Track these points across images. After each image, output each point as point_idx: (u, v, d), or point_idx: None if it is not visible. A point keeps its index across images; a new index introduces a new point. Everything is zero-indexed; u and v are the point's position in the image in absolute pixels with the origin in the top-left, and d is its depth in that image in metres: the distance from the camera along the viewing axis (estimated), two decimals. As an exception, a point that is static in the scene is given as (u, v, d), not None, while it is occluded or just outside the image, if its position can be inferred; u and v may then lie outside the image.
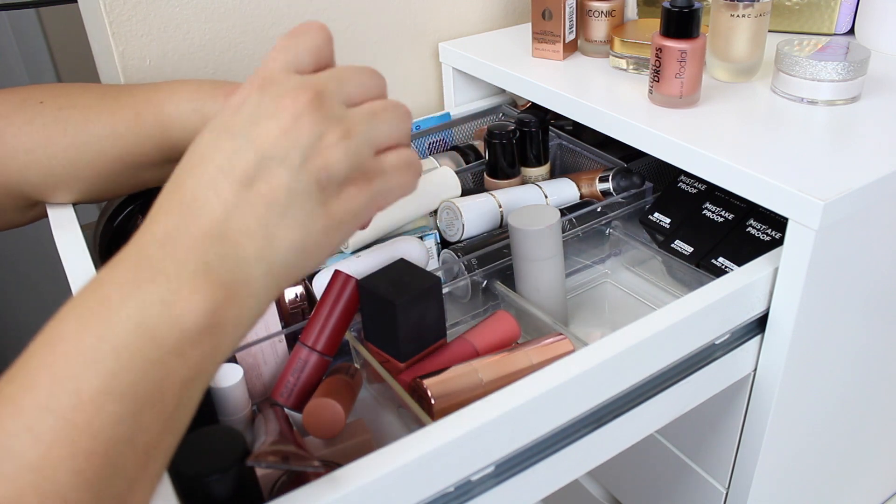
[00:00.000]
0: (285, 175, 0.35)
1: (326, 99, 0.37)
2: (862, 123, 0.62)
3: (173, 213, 0.35)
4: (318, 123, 0.36)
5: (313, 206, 0.36)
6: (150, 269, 0.34)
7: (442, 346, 0.58)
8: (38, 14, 1.41)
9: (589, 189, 0.78)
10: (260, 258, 0.35)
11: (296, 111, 0.36)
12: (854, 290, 0.60)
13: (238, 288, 0.35)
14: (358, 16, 0.84)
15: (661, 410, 0.55)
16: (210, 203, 0.35)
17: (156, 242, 0.35)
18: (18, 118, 0.56)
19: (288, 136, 0.35)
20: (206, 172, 0.36)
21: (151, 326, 0.33)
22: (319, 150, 0.36)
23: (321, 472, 0.41)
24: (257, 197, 0.35)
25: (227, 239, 0.35)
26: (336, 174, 0.37)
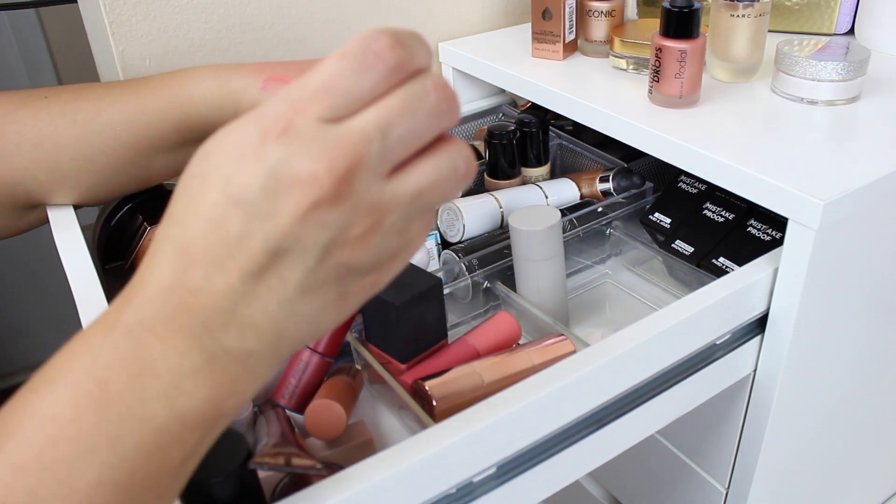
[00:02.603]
0: (298, 272, 0.31)
1: (359, 176, 0.29)
2: (862, 123, 0.62)
3: (177, 282, 0.31)
4: (344, 213, 0.29)
5: (328, 300, 0.32)
6: (152, 355, 0.31)
7: (443, 347, 0.58)
8: (38, 14, 1.41)
9: (589, 189, 0.78)
10: (265, 351, 0.33)
11: (318, 195, 0.29)
12: (854, 290, 0.60)
13: (242, 379, 0.33)
14: (358, 16, 0.84)
15: (661, 411, 0.55)
16: (216, 285, 0.31)
17: (157, 316, 0.31)
18: (22, 113, 0.55)
19: (304, 226, 0.29)
20: (213, 245, 0.30)
21: (153, 419, 0.31)
22: (341, 244, 0.30)
23: (323, 473, 0.41)
24: (266, 291, 0.31)
25: (231, 328, 0.31)
26: (358, 271, 0.32)
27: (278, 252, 0.30)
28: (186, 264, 0.31)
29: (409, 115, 0.30)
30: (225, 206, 0.30)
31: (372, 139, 0.29)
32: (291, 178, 0.29)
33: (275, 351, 0.33)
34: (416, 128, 0.30)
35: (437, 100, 0.31)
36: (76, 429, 0.30)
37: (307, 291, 0.31)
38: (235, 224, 0.30)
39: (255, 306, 0.31)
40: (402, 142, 0.30)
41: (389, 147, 0.30)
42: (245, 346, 0.32)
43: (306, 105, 0.30)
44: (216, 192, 0.30)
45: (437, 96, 0.31)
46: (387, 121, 0.30)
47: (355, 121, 0.30)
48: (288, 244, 0.30)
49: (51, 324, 1.70)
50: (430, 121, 0.31)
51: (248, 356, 0.32)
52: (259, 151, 0.29)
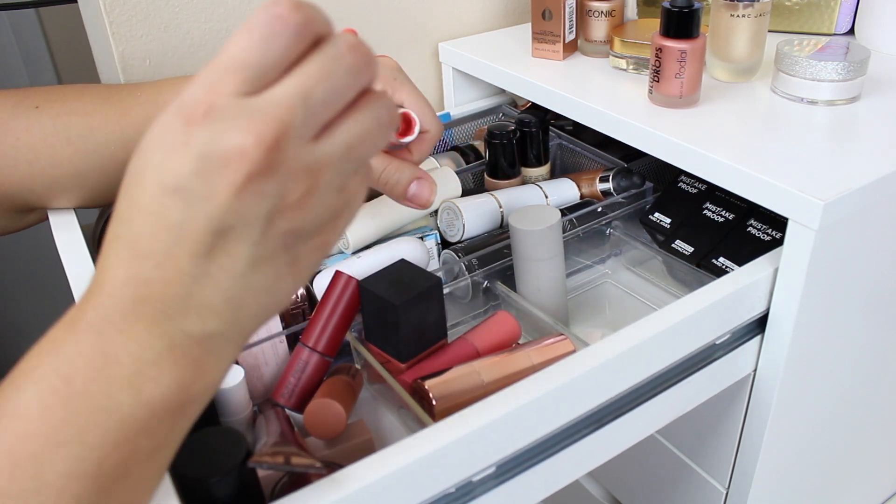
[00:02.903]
0: (246, 246, 0.31)
1: (287, 144, 0.30)
2: (862, 123, 0.62)
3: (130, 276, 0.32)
4: (279, 181, 0.30)
5: (280, 268, 0.33)
6: (114, 346, 0.31)
7: (443, 346, 0.58)
8: (38, 14, 1.41)
9: (589, 189, 0.78)
10: (226, 331, 0.33)
11: (250, 167, 0.29)
12: (854, 290, 0.60)
13: (206, 362, 0.33)
14: (358, 16, 0.84)
15: (661, 411, 0.55)
16: (168, 272, 0.31)
17: (116, 310, 0.32)
18: (15, 126, 0.55)
19: (243, 200, 0.30)
20: (159, 235, 0.31)
21: (119, 409, 0.31)
22: (282, 211, 0.31)
23: (322, 473, 0.41)
24: (217, 270, 0.31)
25: (190, 312, 0.32)
26: (303, 234, 0.33)
27: (222, 230, 0.30)
28: (137, 258, 0.31)
29: (328, 77, 0.31)
30: (162, 196, 0.30)
31: (294, 105, 0.30)
32: (221, 156, 0.29)
33: (237, 329, 0.33)
34: (336, 88, 0.31)
35: (353, 59, 0.32)
36: (44, 424, 0.30)
37: (258, 263, 0.32)
38: (175, 211, 0.30)
39: (209, 287, 0.32)
40: (324, 104, 0.31)
41: (312, 111, 0.30)
42: (206, 328, 0.32)
43: (223, 82, 0.30)
44: (152, 185, 0.31)
45: (352, 56, 0.32)
46: (306, 85, 0.30)
47: (275, 90, 0.30)
48: (230, 220, 0.30)
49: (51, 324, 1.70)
50: (348, 80, 0.32)
51: (210, 338, 0.33)
52: (185, 137, 0.30)
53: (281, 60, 0.30)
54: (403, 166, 0.52)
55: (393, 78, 0.53)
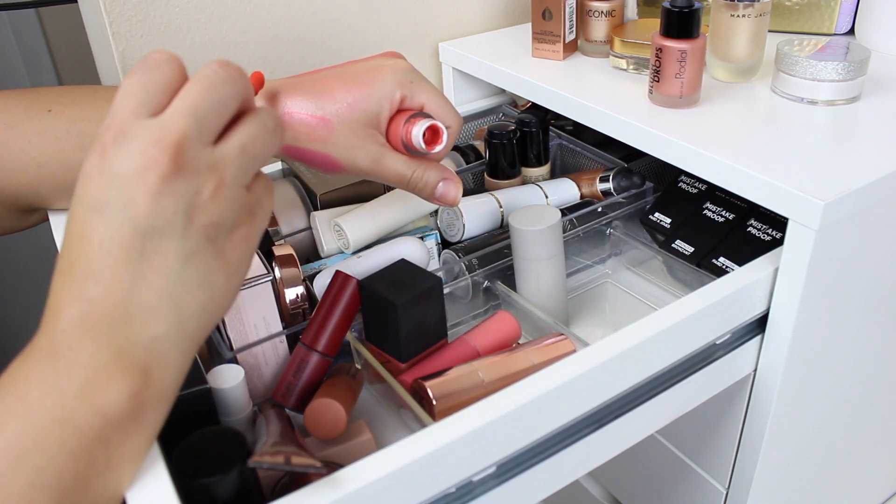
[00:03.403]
0: (172, 243, 0.34)
1: (188, 147, 0.35)
2: (862, 123, 0.62)
3: (73, 299, 0.34)
4: (189, 179, 0.34)
5: (209, 261, 0.36)
6: (64, 361, 0.33)
7: (443, 346, 0.58)
8: (38, 14, 1.41)
9: (589, 189, 0.78)
10: (170, 331, 0.35)
11: (160, 171, 0.34)
12: (854, 290, 0.60)
13: (154, 366, 0.35)
14: (358, 16, 0.84)
15: (661, 410, 0.55)
16: (106, 284, 0.34)
17: (64, 331, 0.34)
18: (27, 128, 0.55)
19: (160, 201, 0.34)
20: (92, 253, 0.34)
21: (73, 419, 0.33)
22: (199, 206, 0.35)
23: (322, 472, 0.41)
24: (151, 272, 0.34)
25: (133, 319, 0.34)
26: (223, 225, 0.36)
27: (147, 232, 0.34)
28: (78, 280, 0.34)
29: (209, 89, 0.36)
30: (86, 217, 0.35)
31: (186, 115, 0.35)
32: (133, 168, 0.34)
33: (180, 328, 0.35)
34: (218, 98, 0.36)
35: (226, 72, 0.37)
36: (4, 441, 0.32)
37: (187, 258, 0.35)
38: (101, 227, 0.34)
39: (145, 289, 0.34)
40: (211, 111, 0.36)
41: (203, 117, 0.35)
42: (148, 332, 0.34)
43: (121, 112, 0.35)
44: (78, 212, 0.35)
45: (224, 70, 0.37)
46: (193, 99, 0.36)
47: (168, 109, 0.36)
48: (153, 221, 0.34)
49: (51, 324, 1.69)
50: (227, 88, 0.37)
51: (155, 341, 0.35)
52: (101, 163, 0.34)
53: (164, 86, 0.36)
54: (430, 168, 0.54)
55: (410, 81, 0.53)
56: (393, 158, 0.53)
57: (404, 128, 0.52)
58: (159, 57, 0.37)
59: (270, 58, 0.79)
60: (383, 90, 0.52)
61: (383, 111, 0.53)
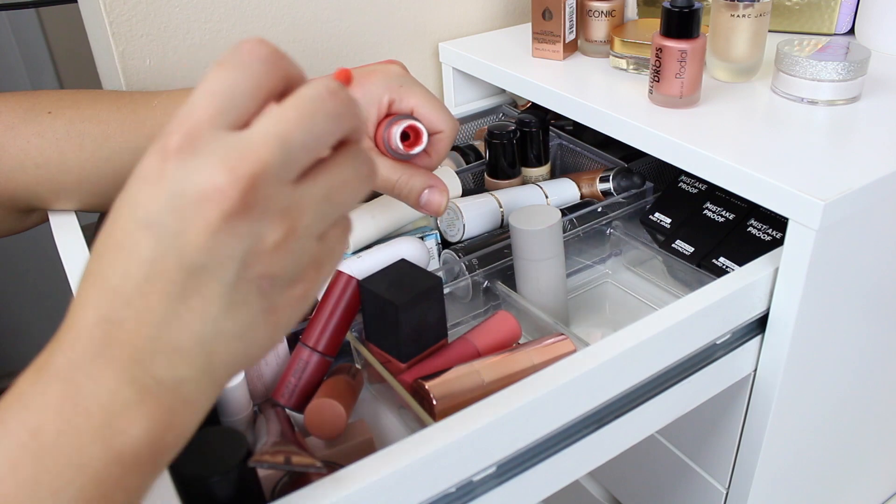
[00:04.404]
0: (219, 288, 0.30)
1: (265, 183, 0.29)
2: (862, 123, 0.62)
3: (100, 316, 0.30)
4: (255, 221, 0.29)
5: (255, 315, 0.31)
6: (83, 394, 0.30)
7: (443, 346, 0.58)
8: (38, 14, 1.41)
9: (589, 189, 0.78)
10: (198, 378, 0.31)
11: (225, 206, 0.28)
12: (854, 290, 0.60)
13: (179, 410, 0.32)
14: (357, 16, 0.84)
15: (661, 410, 0.55)
16: (138, 311, 0.30)
17: (85, 354, 0.30)
18: (26, 129, 0.55)
19: (217, 239, 0.29)
20: (130, 271, 0.30)
21: (91, 465, 0.30)
22: (259, 254, 0.30)
23: (323, 472, 0.41)
24: (188, 312, 0.30)
25: (160, 356, 0.30)
26: (281, 280, 0.31)
27: (195, 269, 0.29)
28: (108, 296, 0.30)
29: (307, 120, 0.30)
30: (135, 230, 0.30)
31: (272, 144, 0.29)
32: (195, 193, 0.28)
33: (209, 376, 0.32)
34: (315, 133, 0.30)
35: (333, 104, 0.31)
36: (14, 485, 0.29)
37: (231, 307, 0.30)
38: (147, 247, 0.29)
39: (179, 329, 0.30)
40: (303, 146, 0.30)
41: (291, 152, 0.29)
42: (176, 373, 0.31)
43: (196, 115, 0.29)
44: (126, 220, 0.30)
45: (333, 101, 0.31)
46: (285, 127, 0.29)
47: (253, 128, 0.29)
48: (203, 260, 0.29)
49: (50, 324, 1.69)
50: (328, 125, 0.31)
51: (181, 384, 0.31)
52: (160, 172, 0.29)
53: (253, 92, 0.30)
54: (416, 175, 0.53)
55: (399, 85, 0.52)
56: (379, 163, 0.52)
57: (386, 130, 0.52)
58: (257, 52, 0.30)
59: (270, 58, 0.79)
60: (371, 94, 0.52)
61: (370, 115, 0.52)
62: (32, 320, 1.74)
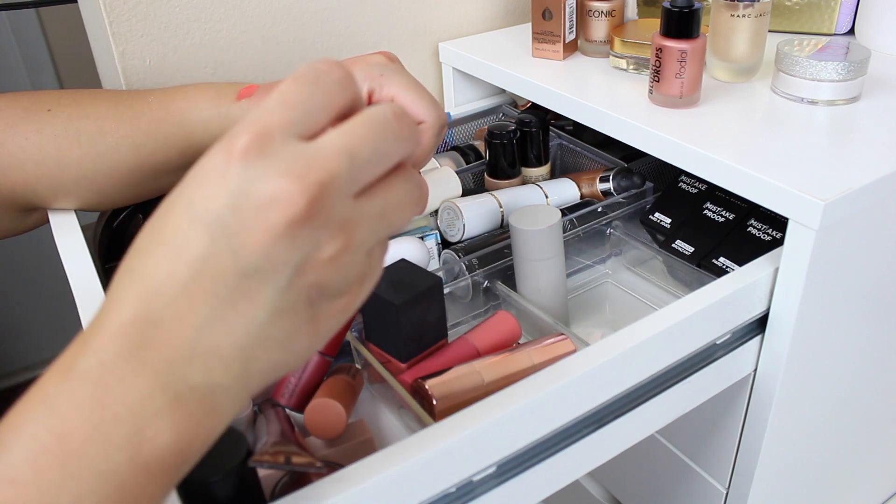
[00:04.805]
0: (270, 293, 0.30)
1: (331, 194, 0.29)
2: (862, 123, 0.62)
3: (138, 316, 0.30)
4: (316, 230, 0.29)
5: (299, 324, 0.31)
6: (111, 398, 0.29)
7: (443, 346, 0.58)
8: (38, 14, 1.41)
9: (589, 189, 0.78)
10: (233, 385, 0.31)
11: (291, 212, 0.28)
12: (854, 290, 0.60)
13: (207, 419, 0.31)
14: (357, 16, 0.84)
15: (661, 410, 0.55)
16: (179, 312, 0.29)
17: (118, 359, 0.29)
18: (25, 127, 0.55)
19: (277, 245, 0.28)
20: (176, 270, 0.29)
21: (117, 474, 0.29)
22: (314, 264, 0.30)
23: (323, 472, 0.41)
24: (234, 315, 0.30)
25: (196, 362, 0.30)
26: (329, 291, 0.31)
27: (249, 272, 0.29)
28: (148, 295, 0.30)
29: (375, 138, 0.30)
30: (189, 227, 0.29)
31: (341, 158, 0.29)
32: (262, 195, 0.28)
33: (243, 384, 0.31)
34: (381, 151, 0.31)
35: (399, 126, 0.31)
36: (36, 491, 0.28)
37: (278, 314, 0.30)
38: (200, 244, 0.29)
39: (221, 332, 0.30)
40: (369, 163, 0.30)
41: (358, 167, 0.30)
42: (211, 379, 0.30)
43: (267, 120, 0.29)
44: (180, 216, 0.29)
45: (398, 123, 0.31)
46: (354, 142, 0.30)
47: (323, 139, 0.30)
48: (259, 264, 0.29)
49: (51, 324, 1.70)
50: (393, 145, 0.31)
51: (214, 392, 0.31)
52: (223, 171, 0.29)
53: (326, 107, 0.31)
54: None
55: (379, 74, 0.49)
56: None
57: None
58: (331, 72, 0.31)
59: (270, 58, 0.79)
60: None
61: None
62: (32, 320, 1.74)
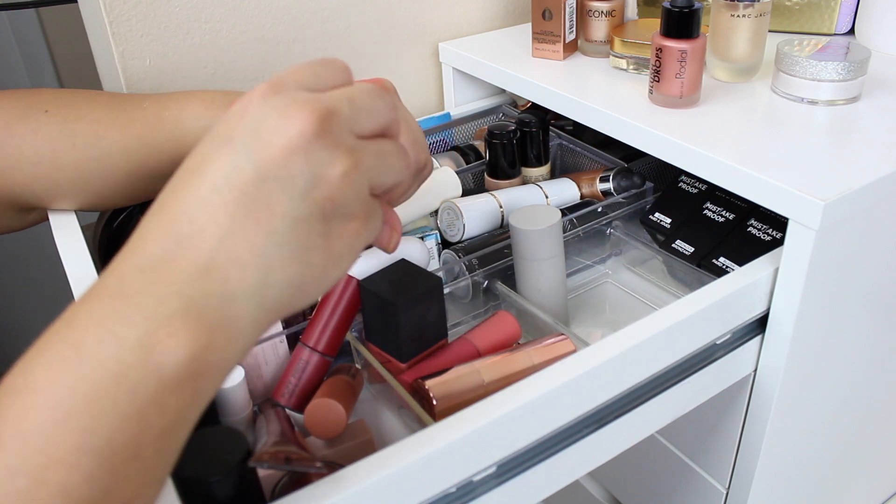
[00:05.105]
0: (288, 201, 0.32)
1: (337, 121, 0.33)
2: (862, 123, 0.62)
3: (160, 236, 0.32)
4: (328, 148, 0.33)
5: (315, 237, 0.33)
6: (127, 306, 0.31)
7: (443, 346, 0.58)
8: (38, 14, 1.41)
9: (589, 189, 0.78)
10: (251, 294, 0.32)
11: (304, 128, 0.32)
12: (854, 290, 0.60)
13: (222, 329, 0.32)
14: (358, 16, 0.84)
15: (661, 411, 0.55)
16: (201, 226, 0.32)
17: (137, 270, 0.31)
18: (22, 128, 0.55)
19: (294, 156, 0.32)
20: (200, 189, 0.32)
21: (127, 375, 0.30)
22: (327, 178, 0.33)
23: (323, 472, 0.41)
24: (254, 223, 0.32)
25: (214, 272, 0.31)
26: (342, 207, 0.34)
27: (267, 180, 0.32)
28: (170, 218, 0.32)
29: (367, 95, 0.36)
30: (207, 150, 0.33)
31: (342, 101, 0.35)
32: (278, 116, 0.32)
33: (261, 295, 0.32)
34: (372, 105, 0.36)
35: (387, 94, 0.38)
36: (52, 395, 0.29)
37: (295, 223, 0.32)
38: (220, 162, 0.32)
39: (241, 240, 0.32)
40: (365, 111, 0.36)
41: (356, 110, 0.35)
42: (227, 287, 0.32)
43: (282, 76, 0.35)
44: (205, 145, 0.34)
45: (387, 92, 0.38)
46: (352, 93, 0.36)
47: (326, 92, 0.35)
48: (277, 171, 0.32)
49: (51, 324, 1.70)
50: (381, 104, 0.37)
51: (230, 299, 0.32)
52: (244, 107, 0.33)
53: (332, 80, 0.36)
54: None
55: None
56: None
57: None
58: (337, 62, 0.37)
59: (270, 58, 0.79)
60: None
61: None
62: (32, 320, 1.74)
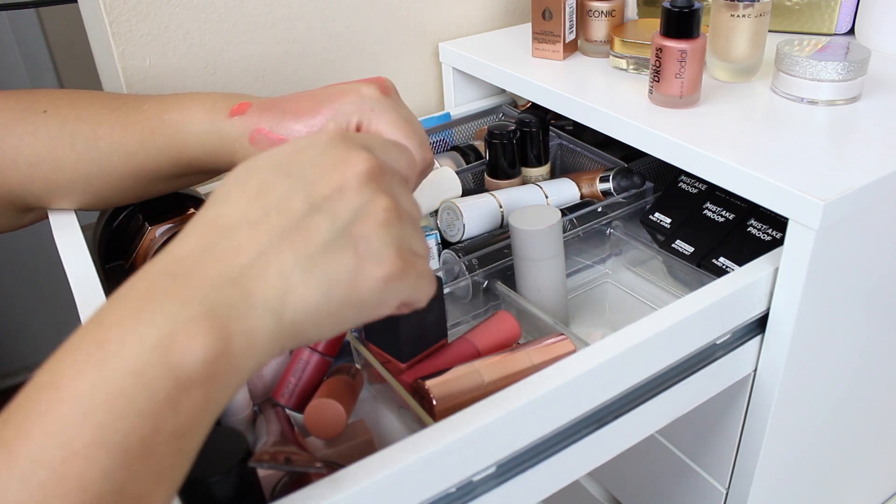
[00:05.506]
0: (327, 229, 0.34)
1: (388, 173, 0.37)
2: (862, 123, 0.63)
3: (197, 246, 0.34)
4: (376, 191, 0.36)
5: (343, 271, 0.34)
6: (152, 308, 0.32)
7: (443, 346, 0.58)
8: (38, 14, 1.41)
9: (589, 189, 0.78)
10: (269, 309, 0.33)
11: (358, 172, 0.36)
12: (854, 290, 0.60)
13: (239, 339, 0.33)
14: (358, 16, 0.84)
15: (661, 410, 0.55)
16: (239, 243, 0.34)
17: (167, 275, 0.33)
18: (20, 128, 0.55)
19: (343, 192, 0.35)
20: (251, 207, 0.34)
21: (146, 374, 0.31)
22: (369, 216, 0.35)
23: (323, 472, 0.41)
24: (289, 246, 0.34)
25: (240, 282, 0.33)
26: (377, 248, 0.35)
27: (315, 211, 0.34)
28: (214, 230, 0.34)
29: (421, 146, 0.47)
30: (273, 178, 0.35)
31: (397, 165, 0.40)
32: (341, 158, 0.36)
33: (278, 312, 0.33)
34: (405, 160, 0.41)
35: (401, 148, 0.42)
36: (74, 391, 0.30)
37: (327, 251, 0.34)
38: (279, 188, 0.35)
39: (272, 259, 0.34)
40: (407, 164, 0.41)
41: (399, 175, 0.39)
42: (248, 299, 0.33)
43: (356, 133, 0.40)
44: (265, 172, 0.36)
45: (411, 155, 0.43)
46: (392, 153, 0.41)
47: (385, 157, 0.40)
48: (325, 205, 0.35)
49: (51, 324, 1.70)
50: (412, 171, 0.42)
51: (249, 311, 0.33)
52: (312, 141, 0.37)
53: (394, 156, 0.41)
54: None
55: (370, 109, 0.51)
56: None
57: None
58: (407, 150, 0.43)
59: (270, 58, 0.79)
60: (341, 113, 0.51)
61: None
62: (32, 320, 1.74)
